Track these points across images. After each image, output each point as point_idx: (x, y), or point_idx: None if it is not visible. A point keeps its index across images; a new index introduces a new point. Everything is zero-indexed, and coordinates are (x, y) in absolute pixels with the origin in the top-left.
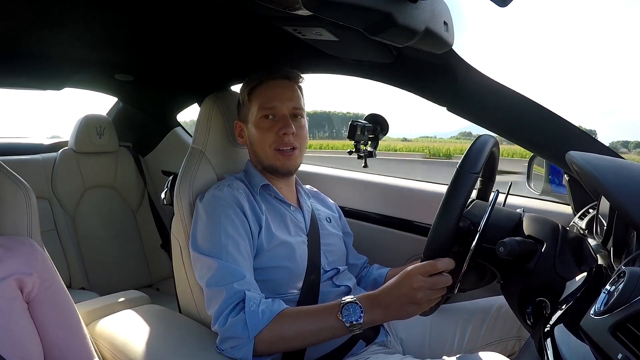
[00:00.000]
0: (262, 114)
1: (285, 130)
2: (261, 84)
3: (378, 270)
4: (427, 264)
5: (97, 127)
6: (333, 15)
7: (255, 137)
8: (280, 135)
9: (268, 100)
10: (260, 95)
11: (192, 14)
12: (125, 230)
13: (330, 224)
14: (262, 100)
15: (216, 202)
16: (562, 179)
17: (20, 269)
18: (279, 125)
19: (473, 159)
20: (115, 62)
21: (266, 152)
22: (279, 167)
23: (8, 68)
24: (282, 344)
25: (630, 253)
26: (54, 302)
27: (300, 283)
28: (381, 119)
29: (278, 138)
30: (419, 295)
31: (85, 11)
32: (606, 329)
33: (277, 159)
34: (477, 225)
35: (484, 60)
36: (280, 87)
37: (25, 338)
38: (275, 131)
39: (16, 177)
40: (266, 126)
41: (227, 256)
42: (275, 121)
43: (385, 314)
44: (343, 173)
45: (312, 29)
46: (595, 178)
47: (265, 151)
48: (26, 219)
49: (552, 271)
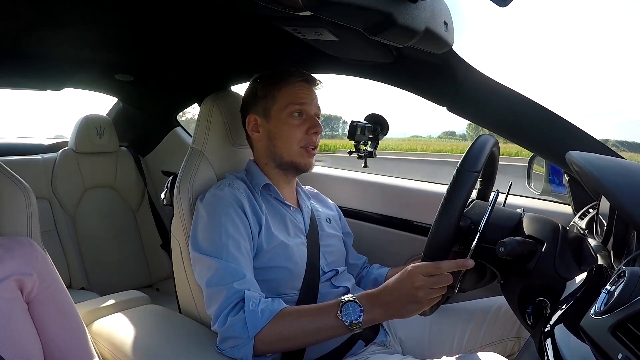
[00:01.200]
0: (294, 110)
1: (315, 129)
2: (290, 80)
3: (378, 270)
4: (430, 264)
5: (97, 127)
6: (333, 15)
7: (282, 133)
8: (309, 134)
9: (300, 98)
10: (290, 92)
11: (192, 14)
12: (125, 230)
13: (329, 225)
14: (294, 97)
15: (217, 202)
16: (562, 179)
17: (20, 270)
18: (308, 124)
19: (474, 158)
20: (115, 62)
21: (292, 148)
22: (301, 164)
23: (8, 68)
24: (282, 343)
25: (630, 253)
26: (54, 302)
27: (299, 284)
28: (381, 119)
29: (307, 137)
30: (420, 294)
31: (85, 11)
32: (606, 329)
33: (302, 156)
34: (478, 225)
35: (492, 60)
36: (308, 88)
37: (25, 339)
38: (304, 129)
39: (16, 177)
40: (296, 123)
41: (228, 255)
42: (304, 120)
43: (385, 313)
44: (343, 173)
45: (312, 29)
46: (596, 178)
47: (291, 147)
48: (26, 219)
49: (552, 271)
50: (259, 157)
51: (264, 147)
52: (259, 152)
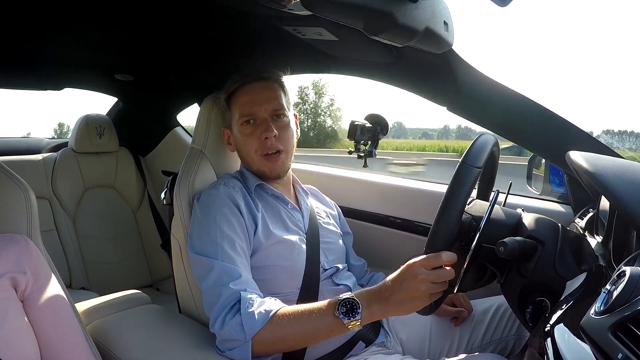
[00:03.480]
0: (243, 120)
1: (266, 134)
2: (238, 89)
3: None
4: (431, 256)
5: (97, 127)
6: (333, 15)
7: (240, 144)
8: (262, 139)
9: (246, 105)
10: (238, 100)
11: (192, 14)
12: (125, 230)
13: (329, 223)
14: (241, 105)
15: (212, 201)
16: (562, 179)
17: (13, 268)
18: (260, 129)
19: (475, 154)
20: (115, 62)
21: (252, 158)
22: (266, 172)
23: (8, 68)
24: (280, 344)
25: (630, 253)
26: (48, 299)
27: (298, 282)
28: (381, 119)
29: (261, 143)
30: (422, 288)
31: (85, 11)
32: (606, 329)
33: (264, 164)
34: (479, 221)
35: (492, 60)
36: (257, 89)
37: (21, 338)
38: (257, 136)
39: (16, 177)
40: (248, 132)
41: (223, 255)
42: (257, 125)
43: (384, 309)
44: (343, 173)
45: (312, 29)
46: (595, 178)
47: (251, 157)
48: (26, 218)
49: (552, 271)
50: (243, 164)
51: (240, 157)
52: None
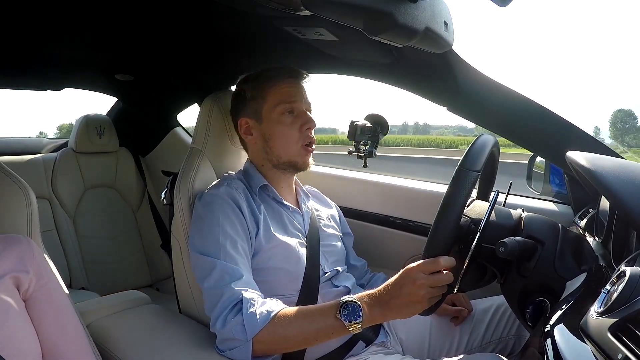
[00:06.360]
0: (285, 110)
1: (308, 125)
2: (277, 80)
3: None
4: (429, 261)
5: (97, 127)
6: (333, 15)
7: (277, 133)
8: (303, 131)
9: (289, 96)
10: (279, 90)
11: (192, 14)
12: (125, 230)
13: (330, 225)
14: (283, 95)
15: (214, 201)
16: (562, 179)
17: (16, 267)
18: (301, 121)
19: (473, 157)
20: (115, 62)
21: (291, 148)
22: (299, 163)
23: (8, 68)
24: (281, 344)
25: (630, 253)
26: (51, 300)
27: (298, 285)
28: (381, 119)
29: (302, 134)
30: (421, 293)
31: (85, 11)
32: (606, 329)
33: (301, 155)
34: (477, 224)
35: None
36: (296, 85)
37: (23, 337)
38: (297, 127)
39: (16, 177)
40: (288, 121)
41: (225, 255)
42: (296, 117)
43: (384, 313)
44: (343, 173)
45: (312, 29)
46: (596, 178)
47: (289, 147)
48: (26, 218)
49: (552, 271)
50: (255, 158)
51: (259, 149)
52: (254, 154)
